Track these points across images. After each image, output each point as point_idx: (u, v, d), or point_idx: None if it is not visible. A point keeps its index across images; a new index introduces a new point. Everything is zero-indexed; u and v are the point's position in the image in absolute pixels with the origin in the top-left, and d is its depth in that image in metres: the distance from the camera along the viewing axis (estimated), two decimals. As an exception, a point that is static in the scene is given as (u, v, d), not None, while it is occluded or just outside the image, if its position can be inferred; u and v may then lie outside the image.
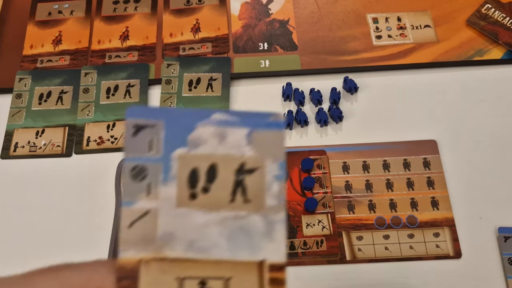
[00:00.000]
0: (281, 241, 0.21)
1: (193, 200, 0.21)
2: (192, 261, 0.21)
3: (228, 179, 0.22)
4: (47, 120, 0.48)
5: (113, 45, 0.52)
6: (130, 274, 0.21)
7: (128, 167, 0.21)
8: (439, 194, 0.43)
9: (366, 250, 0.41)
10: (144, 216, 0.21)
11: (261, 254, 0.21)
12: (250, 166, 0.22)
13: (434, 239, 0.41)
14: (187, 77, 0.49)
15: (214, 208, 0.21)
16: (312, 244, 0.41)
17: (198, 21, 0.53)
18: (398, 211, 0.43)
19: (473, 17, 0.52)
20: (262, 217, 0.21)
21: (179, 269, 0.21)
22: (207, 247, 0.21)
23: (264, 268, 0.21)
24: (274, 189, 0.22)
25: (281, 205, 0.22)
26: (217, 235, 0.21)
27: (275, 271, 0.21)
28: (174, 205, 0.21)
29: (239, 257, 0.21)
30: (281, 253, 0.21)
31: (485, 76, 0.49)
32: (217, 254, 0.21)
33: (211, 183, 0.22)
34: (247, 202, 0.22)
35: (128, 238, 0.21)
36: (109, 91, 0.49)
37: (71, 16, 0.54)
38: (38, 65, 0.51)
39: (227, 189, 0.22)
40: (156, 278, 0.21)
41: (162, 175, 0.21)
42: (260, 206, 0.22)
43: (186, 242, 0.21)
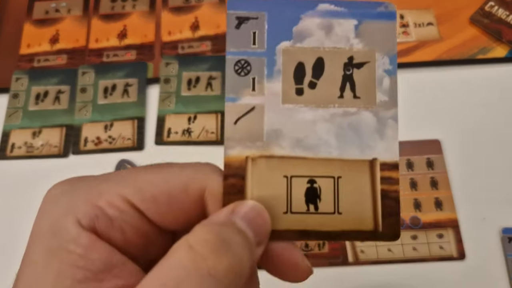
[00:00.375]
0: (394, 139, 0.21)
1: (299, 96, 0.21)
2: (300, 159, 0.20)
3: (336, 74, 0.21)
4: (44, 121, 0.48)
5: (111, 43, 0.52)
6: (237, 171, 0.20)
7: (231, 61, 0.21)
8: (443, 194, 0.43)
9: (368, 251, 0.41)
10: (250, 112, 0.21)
11: (372, 152, 0.21)
12: (359, 60, 0.21)
13: (438, 240, 0.41)
14: (186, 76, 0.49)
15: (321, 105, 0.21)
16: (314, 246, 0.41)
17: (197, 19, 0.53)
18: (401, 212, 0.42)
19: (477, 15, 0.52)
20: (373, 114, 0.21)
21: (286, 167, 0.20)
22: (315, 145, 0.21)
23: (375, 166, 0.21)
24: (385, 84, 0.21)
25: (393, 101, 0.21)
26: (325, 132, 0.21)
27: (387, 170, 0.20)
28: (280, 101, 0.21)
29: (349, 155, 0.21)
30: (393, 151, 0.21)
31: (489, 74, 0.49)
32: (325, 152, 0.21)
33: (318, 78, 0.21)
34: (357, 98, 0.21)
35: (234, 135, 0.20)
36: (106, 91, 0.49)
37: (68, 15, 0.54)
38: (35, 64, 0.51)
39: (335, 85, 0.21)
40: (264, 175, 0.20)
41: (267, 69, 0.21)
42: (370, 102, 0.21)
43: (293, 139, 0.20)
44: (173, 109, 0.47)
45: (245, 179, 0.20)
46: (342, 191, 0.20)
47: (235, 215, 0.19)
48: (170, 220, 0.20)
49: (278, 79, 0.21)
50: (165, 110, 0.47)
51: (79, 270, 0.18)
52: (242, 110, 0.20)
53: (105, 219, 0.19)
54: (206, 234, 0.18)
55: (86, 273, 0.18)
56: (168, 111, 0.47)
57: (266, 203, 0.20)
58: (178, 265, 0.17)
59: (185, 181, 0.20)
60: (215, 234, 0.18)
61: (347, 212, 0.20)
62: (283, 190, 0.20)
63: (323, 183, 0.20)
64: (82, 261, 0.18)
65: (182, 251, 0.17)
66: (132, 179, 0.20)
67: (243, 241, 0.18)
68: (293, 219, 0.20)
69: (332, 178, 0.20)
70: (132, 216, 0.19)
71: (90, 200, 0.19)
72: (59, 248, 0.18)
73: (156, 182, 0.19)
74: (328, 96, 0.21)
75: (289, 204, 0.20)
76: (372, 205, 0.20)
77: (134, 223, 0.19)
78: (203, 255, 0.17)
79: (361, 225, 0.20)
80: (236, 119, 0.20)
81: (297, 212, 0.20)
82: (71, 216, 0.19)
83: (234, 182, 0.20)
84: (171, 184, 0.19)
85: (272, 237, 0.20)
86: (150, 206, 0.19)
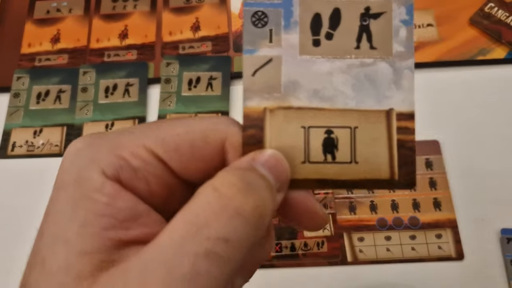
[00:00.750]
0: (410, 89, 0.21)
1: (316, 47, 0.21)
2: (317, 110, 0.21)
3: (353, 25, 0.21)
4: (45, 120, 0.48)
5: (112, 43, 0.52)
6: (256, 122, 0.20)
7: (248, 13, 0.20)
8: (441, 195, 0.43)
9: (367, 251, 0.41)
10: (267, 64, 0.21)
11: (388, 102, 0.21)
12: (375, 10, 0.21)
13: (436, 240, 0.41)
14: (187, 76, 0.49)
15: (338, 55, 0.21)
16: (313, 245, 0.41)
17: (198, 19, 0.53)
18: (400, 212, 0.42)
19: (476, 16, 0.52)
20: (389, 64, 0.21)
21: (304, 118, 0.21)
22: (332, 95, 0.21)
23: (392, 117, 0.21)
24: (401, 35, 0.21)
25: (410, 51, 0.21)
26: (342, 83, 0.21)
27: (403, 120, 0.21)
28: (297, 52, 0.21)
29: (366, 106, 0.21)
30: (410, 102, 0.21)
31: (488, 75, 0.49)
32: (342, 103, 0.21)
33: (335, 29, 0.21)
34: (373, 49, 0.21)
35: (252, 87, 0.20)
36: (107, 90, 0.49)
37: (69, 14, 0.54)
38: (36, 63, 0.51)
39: (352, 35, 0.21)
40: (282, 126, 0.20)
41: (284, 21, 0.21)
42: (387, 52, 0.21)
43: (310, 90, 0.21)
44: (174, 109, 0.47)
45: (263, 129, 0.20)
46: (359, 141, 0.21)
47: (256, 162, 0.19)
48: (192, 170, 0.20)
49: (295, 30, 0.21)
50: (166, 110, 0.47)
51: (105, 219, 0.18)
52: (259, 62, 0.21)
53: (129, 169, 0.19)
54: (230, 177, 0.18)
55: (112, 221, 0.18)
56: (169, 110, 0.47)
57: (285, 153, 0.20)
58: (206, 206, 0.17)
59: (206, 132, 0.20)
60: (239, 177, 0.18)
61: (364, 161, 0.21)
62: (301, 140, 0.21)
63: (340, 133, 0.21)
64: (108, 209, 0.18)
65: (208, 193, 0.18)
66: (155, 131, 0.20)
67: (266, 185, 0.19)
68: (310, 168, 0.21)
69: (349, 128, 0.21)
70: (156, 166, 0.19)
71: (114, 151, 0.19)
72: (84, 198, 0.18)
73: (178, 133, 0.20)
74: (345, 47, 0.21)
75: (306, 154, 0.21)
76: (388, 154, 0.21)
77: (157, 173, 0.19)
78: (230, 196, 0.17)
79: (377, 174, 0.21)
80: (254, 70, 0.21)
81: (314, 161, 0.21)
82: (96, 167, 0.19)
83: (253, 132, 0.20)
84: (192, 135, 0.20)
85: (291, 185, 0.20)
86: (173, 156, 0.19)
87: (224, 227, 0.17)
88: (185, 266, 0.16)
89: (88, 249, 0.17)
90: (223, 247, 0.17)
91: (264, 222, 0.18)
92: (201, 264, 0.16)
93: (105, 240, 0.18)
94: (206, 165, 0.20)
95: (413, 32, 0.21)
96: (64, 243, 0.18)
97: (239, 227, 0.17)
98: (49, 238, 0.18)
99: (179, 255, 0.17)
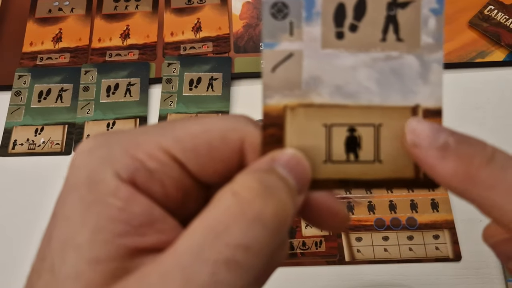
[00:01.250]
0: (438, 84, 0.20)
1: (339, 40, 0.19)
2: (340, 107, 0.20)
3: (378, 15, 0.19)
4: (46, 118, 0.48)
5: (114, 43, 0.52)
6: (276, 121, 0.19)
7: (267, 4, 0.19)
8: (439, 196, 0.43)
9: (365, 251, 0.41)
10: (288, 59, 0.19)
11: (415, 98, 0.19)
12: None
13: (434, 241, 0.41)
14: (188, 77, 0.49)
15: (363, 49, 0.19)
16: (311, 245, 0.41)
17: (199, 20, 0.53)
18: (398, 213, 0.42)
19: (476, 19, 0.52)
20: (417, 57, 0.19)
21: (326, 116, 0.20)
22: (356, 91, 0.20)
23: (418, 113, 0.20)
24: (430, 25, 0.19)
25: (439, 43, 0.19)
26: (366, 78, 0.20)
27: (430, 117, 0.20)
28: (319, 46, 0.19)
29: (391, 102, 0.20)
30: (437, 97, 0.20)
31: (487, 78, 0.49)
32: (366, 99, 0.20)
33: (360, 20, 0.19)
34: (400, 41, 0.19)
35: (272, 83, 0.19)
36: (109, 90, 0.49)
37: (71, 14, 0.54)
38: (37, 62, 0.51)
39: (377, 27, 0.19)
40: (303, 124, 0.20)
41: (305, 12, 0.19)
42: (414, 45, 0.19)
43: (333, 86, 0.19)
44: (175, 109, 0.47)
45: (283, 128, 0.20)
46: (383, 139, 0.20)
47: (276, 163, 0.19)
48: (209, 172, 0.19)
49: (317, 22, 0.19)
50: (167, 110, 0.47)
51: (119, 224, 0.17)
52: (280, 57, 0.19)
53: (145, 171, 0.18)
54: (249, 180, 0.17)
55: (127, 227, 0.17)
56: (170, 110, 0.47)
57: (306, 152, 0.19)
58: (225, 211, 0.17)
59: (224, 132, 0.19)
60: (258, 180, 0.17)
61: (388, 160, 0.20)
62: (322, 139, 0.20)
63: (363, 131, 0.20)
64: (122, 214, 0.17)
65: (227, 198, 0.17)
66: (170, 131, 0.19)
67: (286, 188, 0.18)
68: (332, 168, 0.20)
69: (373, 126, 0.20)
70: (173, 168, 0.18)
71: (129, 151, 0.18)
72: (96, 201, 0.17)
73: (195, 133, 0.19)
74: (370, 40, 0.20)
75: (328, 153, 0.20)
76: None
77: (174, 175, 0.18)
78: (249, 200, 0.17)
79: (401, 173, 0.20)
80: (273, 66, 0.19)
81: (336, 161, 0.20)
82: (109, 168, 0.17)
83: (273, 131, 0.19)
84: (210, 135, 0.19)
85: (312, 186, 0.20)
86: (191, 157, 0.19)
87: (244, 234, 0.16)
88: (204, 274, 0.16)
89: (100, 257, 0.16)
90: (243, 255, 0.16)
91: (285, 227, 0.17)
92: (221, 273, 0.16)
93: (119, 248, 0.17)
94: (224, 166, 0.19)
95: (443, 21, 0.20)
96: (75, 249, 0.17)
97: (260, 233, 0.16)
98: (58, 243, 0.17)
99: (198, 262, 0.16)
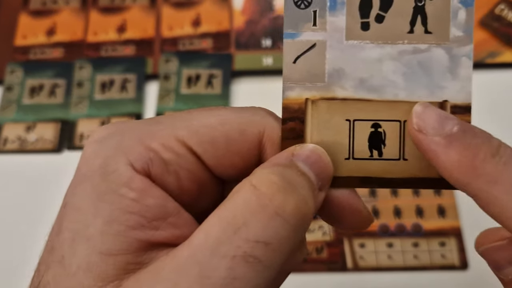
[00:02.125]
0: (467, 79, 0.19)
1: (365, 31, 0.19)
2: (364, 102, 0.19)
3: (406, 6, 0.19)
4: (38, 115, 0.47)
5: (110, 37, 0.51)
6: (296, 115, 0.19)
7: None
8: (446, 201, 0.42)
9: (368, 258, 0.40)
10: (311, 50, 0.19)
11: (443, 93, 0.19)
12: None
13: (440, 248, 0.41)
14: (186, 73, 0.48)
15: (389, 41, 0.19)
16: (312, 251, 0.41)
17: (199, 15, 0.52)
18: (403, 218, 0.42)
19: (486, 18, 0.51)
20: (446, 51, 0.19)
21: (349, 110, 0.19)
22: (381, 85, 0.19)
23: (446, 109, 0.19)
24: (460, 17, 0.19)
25: (469, 36, 0.19)
26: (392, 71, 0.19)
27: (458, 113, 0.19)
28: (343, 37, 0.19)
29: (417, 97, 0.19)
30: (466, 93, 0.19)
31: (497, 79, 0.48)
32: (391, 93, 0.19)
33: (386, 10, 0.19)
34: (428, 33, 0.19)
35: (293, 75, 0.19)
36: (104, 86, 0.48)
37: (66, 6, 0.53)
38: (30, 56, 0.51)
39: (405, 18, 0.19)
40: (325, 119, 0.19)
41: (329, 1, 0.19)
42: (443, 37, 0.19)
43: (357, 79, 0.19)
44: (172, 107, 0.47)
45: (304, 122, 0.19)
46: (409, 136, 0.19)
47: (297, 158, 0.18)
48: (226, 166, 0.19)
49: (342, 12, 0.19)
50: (164, 108, 0.47)
51: (132, 216, 0.17)
52: (302, 47, 0.19)
53: (160, 162, 0.18)
54: (269, 174, 0.17)
55: (140, 219, 0.17)
56: (167, 108, 0.47)
57: (327, 148, 0.19)
58: (244, 205, 0.16)
59: (243, 124, 0.19)
60: (279, 174, 0.17)
61: (413, 158, 0.19)
62: (345, 134, 0.19)
63: (388, 127, 0.19)
64: (136, 206, 0.17)
65: (246, 191, 0.17)
66: (187, 122, 0.18)
67: (307, 183, 0.18)
68: (355, 165, 0.19)
69: (398, 122, 0.19)
70: (188, 160, 0.18)
71: (143, 141, 0.18)
72: (109, 192, 0.17)
73: (213, 124, 0.18)
74: (397, 31, 0.19)
75: (351, 149, 0.19)
76: None
77: (190, 168, 0.18)
78: (269, 195, 0.16)
79: (427, 172, 0.19)
80: (295, 57, 0.19)
81: (359, 158, 0.19)
82: (123, 158, 0.17)
83: (293, 126, 0.19)
84: (228, 127, 0.18)
85: (333, 184, 0.19)
86: (208, 149, 0.18)
87: (264, 229, 0.16)
88: (221, 270, 0.15)
89: (113, 250, 0.16)
90: (262, 251, 0.16)
91: (305, 224, 0.17)
92: (239, 269, 0.15)
93: (132, 240, 0.16)
94: (242, 160, 0.19)
95: (474, 14, 0.19)
96: (86, 240, 0.16)
97: (280, 229, 0.16)
98: (68, 234, 0.17)
99: (216, 257, 0.16)
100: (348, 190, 0.19)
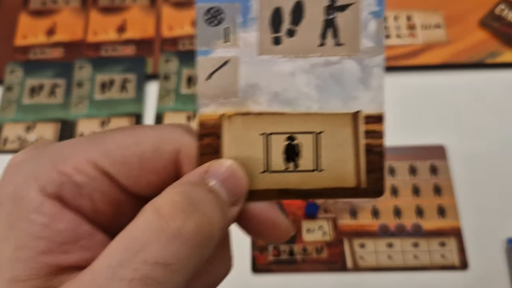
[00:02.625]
0: (379, 89, 0.19)
1: (277, 45, 0.19)
2: (278, 115, 0.19)
3: (317, 19, 0.19)
4: (38, 115, 0.47)
5: (110, 37, 0.51)
6: (212, 130, 0.19)
7: (201, 10, 0.19)
8: (446, 201, 0.42)
9: (368, 258, 0.40)
10: (223, 66, 0.19)
11: (355, 104, 0.19)
12: (342, 2, 0.19)
13: (440, 248, 0.41)
14: (186, 73, 0.48)
15: (301, 54, 0.19)
16: (312, 251, 0.41)
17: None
18: (403, 218, 0.42)
19: (486, 18, 0.51)
20: (357, 62, 0.19)
21: (264, 124, 0.19)
22: (295, 98, 0.19)
23: (359, 119, 0.19)
24: (370, 28, 0.19)
25: (379, 46, 0.19)
26: (305, 84, 0.19)
27: (371, 123, 0.19)
28: (255, 52, 0.19)
29: (331, 108, 0.19)
30: (378, 102, 0.19)
31: (497, 79, 0.48)
32: (305, 106, 0.19)
33: (297, 24, 0.19)
34: (339, 45, 0.19)
35: (207, 92, 0.19)
36: (104, 86, 0.48)
37: (66, 6, 0.53)
38: (30, 56, 0.50)
39: (316, 31, 0.19)
40: (240, 134, 0.19)
41: (241, 17, 0.19)
42: (354, 49, 0.19)
43: (270, 94, 0.19)
44: (172, 107, 0.47)
45: (220, 138, 0.19)
46: (323, 147, 0.20)
47: (209, 175, 0.18)
48: (142, 185, 0.19)
49: (253, 27, 0.19)
50: (164, 108, 0.47)
51: (42, 241, 0.17)
52: (215, 64, 0.19)
53: (72, 186, 0.18)
54: (174, 195, 0.17)
55: (50, 244, 0.17)
56: (167, 108, 0.47)
57: (244, 162, 0.19)
58: (144, 228, 0.16)
59: (158, 143, 0.19)
60: (183, 194, 0.17)
61: (329, 169, 0.20)
62: (261, 148, 0.20)
63: (303, 139, 0.20)
64: (46, 231, 0.17)
65: (148, 214, 0.17)
66: (101, 143, 0.18)
67: (213, 201, 0.18)
68: (271, 178, 0.20)
69: (313, 134, 0.20)
70: (102, 182, 0.18)
71: (56, 166, 0.18)
72: (20, 218, 0.17)
73: (126, 144, 0.18)
74: (308, 45, 0.19)
75: (267, 162, 0.20)
76: (354, 160, 0.20)
77: (104, 189, 0.18)
78: (170, 216, 0.17)
79: (343, 182, 0.20)
80: (209, 74, 0.19)
81: (276, 170, 0.20)
82: (34, 183, 0.17)
83: (210, 141, 0.19)
84: (142, 146, 0.19)
85: (251, 197, 0.19)
86: (121, 169, 0.18)
87: (164, 250, 0.16)
88: None
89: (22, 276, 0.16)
90: (161, 272, 0.16)
91: (210, 241, 0.17)
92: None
93: (41, 266, 0.17)
94: (158, 178, 0.19)
95: (384, 25, 0.20)
96: None
97: (180, 249, 0.16)
98: None
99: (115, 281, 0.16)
100: (266, 203, 0.20)
